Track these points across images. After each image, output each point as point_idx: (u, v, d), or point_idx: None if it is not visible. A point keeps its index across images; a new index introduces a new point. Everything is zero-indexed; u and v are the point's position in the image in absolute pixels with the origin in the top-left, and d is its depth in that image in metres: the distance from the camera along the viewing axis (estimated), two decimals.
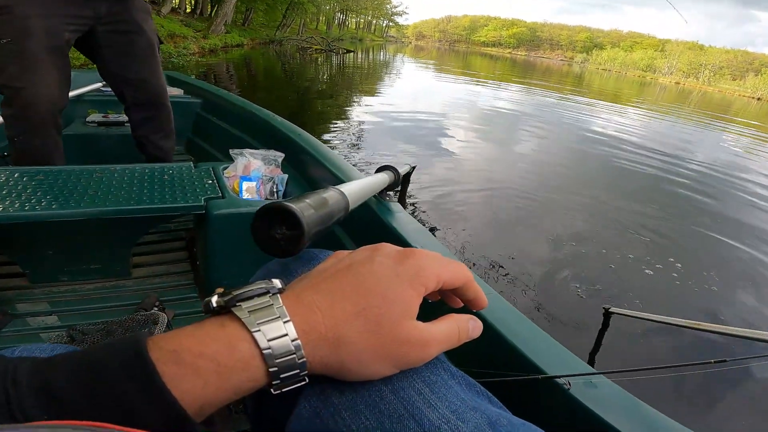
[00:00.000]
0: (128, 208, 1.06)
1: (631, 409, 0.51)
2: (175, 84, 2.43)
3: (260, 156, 1.40)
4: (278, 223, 0.42)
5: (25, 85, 1.30)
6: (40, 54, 1.31)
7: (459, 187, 3.89)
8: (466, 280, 0.36)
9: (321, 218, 0.46)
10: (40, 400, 0.23)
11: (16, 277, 1.17)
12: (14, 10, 1.27)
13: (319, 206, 0.47)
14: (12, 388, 0.23)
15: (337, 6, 55.25)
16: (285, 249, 0.42)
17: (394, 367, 0.31)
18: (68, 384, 0.24)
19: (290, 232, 0.42)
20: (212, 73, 10.41)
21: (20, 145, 1.36)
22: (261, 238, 0.42)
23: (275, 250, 0.43)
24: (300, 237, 0.42)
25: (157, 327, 1.00)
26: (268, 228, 0.42)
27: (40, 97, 1.32)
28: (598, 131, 7.70)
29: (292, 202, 0.43)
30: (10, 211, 0.97)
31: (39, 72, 1.31)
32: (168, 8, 16.52)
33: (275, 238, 0.42)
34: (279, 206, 0.42)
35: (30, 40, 1.29)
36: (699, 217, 3.91)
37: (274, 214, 0.42)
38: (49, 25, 1.32)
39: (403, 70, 18.74)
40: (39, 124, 1.35)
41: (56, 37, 1.34)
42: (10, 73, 1.29)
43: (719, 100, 30.24)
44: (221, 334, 0.27)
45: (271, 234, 0.42)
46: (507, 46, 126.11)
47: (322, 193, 0.53)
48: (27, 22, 1.28)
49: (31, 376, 0.24)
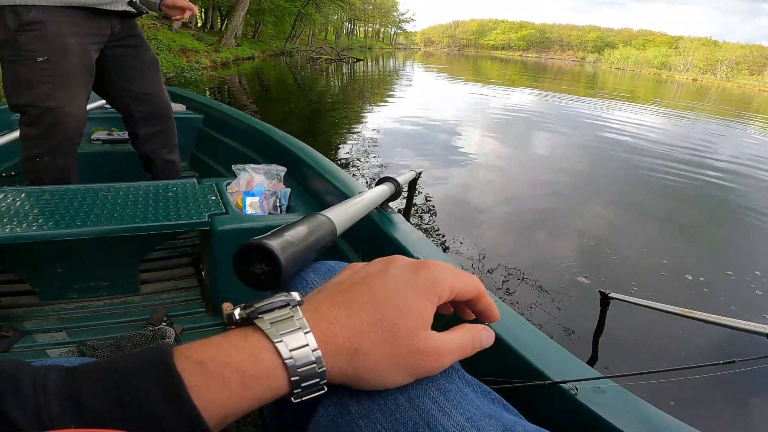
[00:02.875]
0: (134, 226, 1.08)
1: (640, 412, 0.51)
2: (177, 99, 2.43)
3: (263, 171, 1.42)
4: (257, 260, 0.43)
5: (58, 105, 1.28)
6: (77, 74, 1.31)
7: (471, 194, 3.88)
8: (478, 292, 0.36)
9: (302, 251, 0.47)
10: (68, 408, 0.24)
11: (26, 295, 1.20)
12: (49, 26, 1.25)
13: (301, 239, 0.48)
14: (42, 396, 0.24)
15: (344, 16, 55.72)
16: (265, 283, 0.43)
17: (410, 376, 0.32)
18: (96, 393, 0.24)
19: (269, 269, 0.43)
20: (225, 86, 10.56)
21: (43, 165, 1.34)
22: (242, 275, 0.43)
23: (256, 285, 0.44)
24: (278, 272, 0.43)
25: (166, 341, 1.02)
26: (249, 264, 0.43)
27: (72, 117, 1.32)
28: (617, 132, 7.54)
29: (271, 239, 0.44)
30: (19, 231, 1.00)
31: (73, 91, 1.31)
32: (179, 23, 16.80)
33: (255, 274, 0.43)
34: (257, 244, 0.43)
35: (68, 60, 1.29)
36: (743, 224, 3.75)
37: (254, 252, 0.43)
38: (82, 44, 1.32)
39: (413, 77, 18.75)
40: (67, 143, 1.35)
41: (88, 56, 1.35)
42: (42, 93, 1.27)
43: (739, 95, 29.62)
44: (245, 344, 0.28)
45: (251, 270, 0.43)
46: (517, 49, 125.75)
47: (306, 222, 0.54)
48: (64, 40, 1.27)
49: (59, 384, 0.25)
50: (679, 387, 1.69)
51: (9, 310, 1.14)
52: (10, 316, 1.13)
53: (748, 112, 15.01)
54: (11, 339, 1.06)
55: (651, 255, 2.93)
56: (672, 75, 67.24)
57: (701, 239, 3.41)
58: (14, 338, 1.07)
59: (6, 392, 0.24)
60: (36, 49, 1.25)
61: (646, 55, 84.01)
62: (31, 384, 0.24)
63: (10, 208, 1.10)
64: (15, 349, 1.04)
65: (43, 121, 1.29)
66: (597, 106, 11.91)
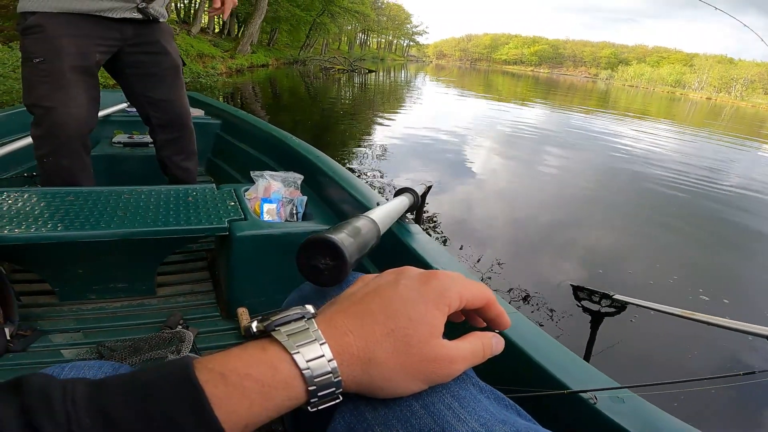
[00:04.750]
0: (155, 230, 1.10)
1: (660, 422, 0.52)
2: (196, 105, 2.47)
3: (280, 178, 1.43)
4: (321, 255, 0.44)
5: (55, 104, 1.31)
6: (70, 74, 1.33)
7: (481, 209, 3.88)
8: (488, 300, 0.37)
9: (359, 247, 0.49)
10: (97, 420, 0.25)
11: (45, 295, 1.21)
12: (46, 30, 1.29)
13: (356, 235, 0.50)
14: (72, 409, 0.25)
15: (358, 26, 56.31)
16: (330, 278, 0.45)
17: (423, 384, 0.33)
18: (123, 406, 0.25)
19: (333, 263, 0.44)
20: (239, 93, 10.68)
21: (48, 166, 1.37)
22: (304, 269, 0.45)
23: (320, 280, 0.45)
24: (343, 266, 0.44)
25: (184, 344, 1.03)
26: (312, 258, 0.44)
27: (70, 117, 1.34)
28: (627, 151, 7.53)
29: (333, 234, 0.46)
30: (43, 232, 1.02)
31: (69, 92, 1.33)
32: (197, 28, 17.16)
33: (319, 269, 0.44)
34: (324, 239, 0.44)
35: (62, 59, 1.31)
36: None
37: (317, 247, 0.44)
38: (79, 45, 1.33)
39: (424, 89, 18.86)
40: (67, 144, 1.36)
41: (86, 57, 1.36)
42: (41, 93, 1.31)
43: (752, 115, 29.36)
44: (264, 356, 0.29)
45: (315, 264, 0.44)
46: (529, 64, 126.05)
47: (355, 222, 0.55)
48: (59, 41, 1.30)
49: (87, 397, 0.25)
50: (697, 397, 1.67)
51: (28, 310, 1.15)
52: (29, 315, 1.14)
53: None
54: (29, 338, 1.07)
55: (662, 270, 2.91)
56: (686, 93, 66.87)
57: (712, 258, 3.38)
58: (32, 338, 1.08)
59: (37, 405, 0.24)
60: (35, 50, 1.30)
61: (660, 72, 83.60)
62: (60, 397, 0.25)
63: (34, 209, 1.12)
64: (32, 348, 1.05)
65: (45, 122, 1.33)
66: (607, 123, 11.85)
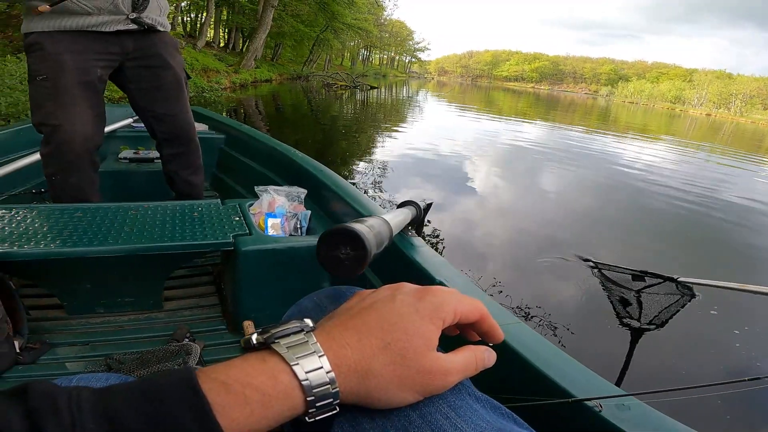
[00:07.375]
0: (162, 245, 1.12)
1: (667, 429, 0.52)
2: (200, 119, 2.49)
3: (284, 192, 1.46)
4: (342, 244, 0.45)
5: (61, 122, 1.32)
6: (73, 90, 1.34)
7: (481, 226, 3.90)
8: (481, 315, 0.39)
9: (377, 241, 0.49)
10: (102, 425, 0.26)
11: (54, 309, 1.23)
12: (46, 47, 1.31)
13: (373, 230, 0.50)
14: (77, 413, 0.26)
15: (361, 43, 57.02)
16: (350, 268, 0.45)
17: (419, 395, 0.34)
18: (128, 411, 0.26)
19: (354, 253, 0.45)
20: (242, 108, 10.77)
21: (57, 183, 1.38)
22: (325, 259, 0.45)
23: (339, 270, 0.45)
24: (364, 257, 0.45)
25: (191, 357, 1.04)
26: (334, 249, 0.45)
27: (76, 135, 1.34)
28: (626, 169, 7.54)
29: (354, 225, 0.46)
30: (52, 248, 1.04)
31: (74, 108, 1.34)
32: (203, 42, 17.39)
33: (340, 258, 0.45)
34: (346, 229, 0.45)
35: (63, 75, 1.32)
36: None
37: (342, 236, 0.45)
38: (79, 61, 1.35)
39: (425, 106, 18.94)
40: (75, 161, 1.37)
41: (88, 72, 1.37)
42: (47, 111, 1.32)
43: (752, 131, 29.40)
44: (264, 367, 0.30)
45: (335, 255, 0.45)
46: (530, 81, 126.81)
47: (370, 219, 0.55)
48: (60, 58, 1.31)
49: (92, 402, 0.27)
50: (703, 403, 1.66)
51: (37, 323, 1.17)
52: (38, 328, 1.16)
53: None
54: (38, 351, 1.09)
55: None
56: (686, 109, 67.00)
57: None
58: (41, 350, 1.09)
59: (43, 408, 0.25)
60: (37, 68, 1.33)
61: (660, 88, 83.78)
62: (66, 401, 0.26)
63: (43, 225, 1.14)
64: (41, 361, 1.07)
65: (53, 140, 1.34)
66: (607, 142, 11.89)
